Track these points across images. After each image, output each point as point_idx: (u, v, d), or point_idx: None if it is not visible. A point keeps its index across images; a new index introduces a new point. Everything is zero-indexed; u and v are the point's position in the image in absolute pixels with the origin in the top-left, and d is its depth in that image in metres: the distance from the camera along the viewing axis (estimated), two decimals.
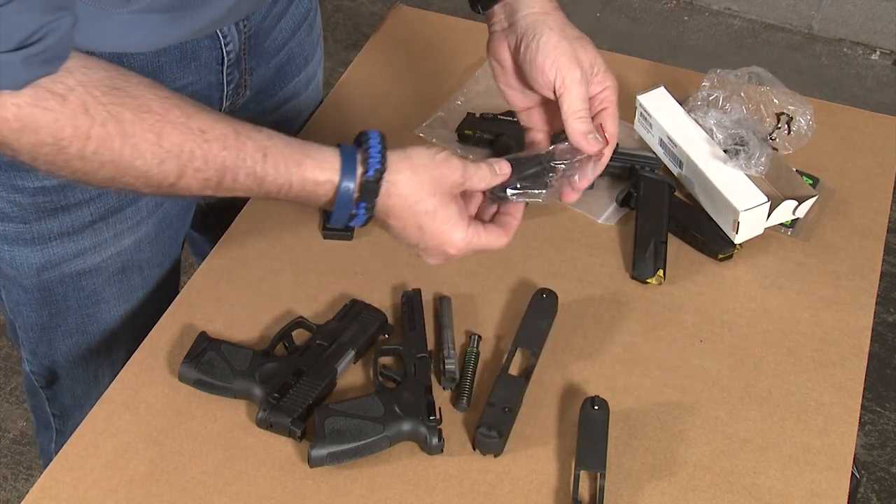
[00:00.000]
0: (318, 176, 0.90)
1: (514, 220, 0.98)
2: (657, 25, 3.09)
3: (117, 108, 0.83)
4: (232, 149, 0.87)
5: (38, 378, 1.34)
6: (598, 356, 1.12)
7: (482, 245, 0.95)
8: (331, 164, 0.90)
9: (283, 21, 1.22)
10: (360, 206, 0.91)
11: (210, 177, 0.88)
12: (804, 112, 1.30)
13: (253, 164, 0.88)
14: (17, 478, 2.04)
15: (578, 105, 0.95)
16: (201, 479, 1.01)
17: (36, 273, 1.16)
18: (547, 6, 0.98)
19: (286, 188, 0.90)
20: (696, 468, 1.02)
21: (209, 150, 0.87)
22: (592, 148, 0.96)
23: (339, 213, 0.92)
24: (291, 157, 0.90)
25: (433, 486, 1.00)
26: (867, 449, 2.08)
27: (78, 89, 0.82)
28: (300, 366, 1.07)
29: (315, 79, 1.36)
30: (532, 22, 0.96)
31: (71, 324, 1.24)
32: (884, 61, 2.97)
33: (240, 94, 1.21)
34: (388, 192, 0.91)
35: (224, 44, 1.12)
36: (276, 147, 0.90)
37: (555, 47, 0.95)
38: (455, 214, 0.93)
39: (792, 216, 1.24)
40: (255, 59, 1.19)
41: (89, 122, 0.82)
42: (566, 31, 0.97)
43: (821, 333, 1.14)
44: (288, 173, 0.89)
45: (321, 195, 0.91)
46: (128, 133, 0.83)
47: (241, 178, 0.89)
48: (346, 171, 0.90)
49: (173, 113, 0.86)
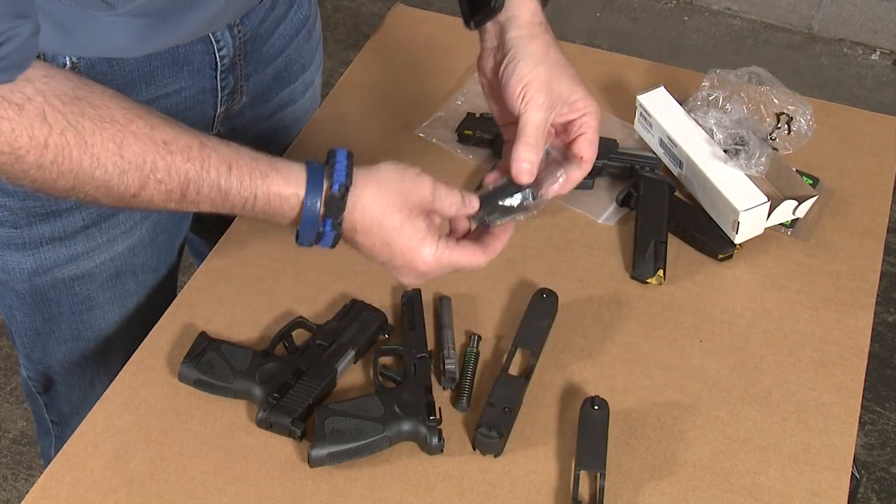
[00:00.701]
0: (283, 189, 0.89)
1: (498, 242, 0.96)
2: (657, 25, 3.09)
3: (77, 117, 0.82)
4: (196, 160, 0.86)
5: (35, 384, 1.34)
6: (598, 356, 1.12)
7: (455, 262, 0.93)
8: (297, 177, 0.89)
9: (282, 27, 1.21)
10: (327, 222, 0.90)
11: (173, 189, 0.87)
12: (804, 112, 1.30)
13: (217, 176, 0.87)
14: (17, 478, 2.04)
15: (530, 130, 0.95)
16: (201, 479, 1.01)
17: (28, 278, 1.16)
18: (535, 30, 0.98)
19: (251, 201, 0.89)
20: (696, 468, 1.02)
21: (172, 162, 0.86)
22: (520, 177, 0.95)
23: (305, 229, 0.90)
24: (257, 170, 0.88)
25: (433, 486, 1.00)
26: (867, 449, 2.08)
27: (37, 98, 0.81)
28: (300, 366, 1.07)
29: (312, 85, 1.36)
30: (517, 44, 0.97)
31: (65, 330, 1.23)
32: (884, 61, 2.97)
33: (235, 100, 1.20)
34: (353, 206, 0.90)
35: (217, 49, 1.11)
36: (243, 160, 0.88)
37: (529, 72, 0.95)
38: (423, 230, 0.91)
39: (792, 216, 1.24)
40: (251, 65, 1.19)
41: (47, 130, 0.81)
42: (548, 56, 0.97)
43: (821, 333, 1.14)
44: (253, 186, 0.88)
45: (287, 211, 0.90)
46: (87, 143, 0.83)
47: (205, 191, 0.87)
48: (311, 185, 0.89)
49: (136, 124, 0.85)
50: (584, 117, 0.98)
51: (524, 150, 0.94)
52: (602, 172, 1.29)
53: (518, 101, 0.95)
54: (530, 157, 0.95)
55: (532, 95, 0.95)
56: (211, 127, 1.21)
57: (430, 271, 0.93)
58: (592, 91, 1.40)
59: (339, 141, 1.36)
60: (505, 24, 0.98)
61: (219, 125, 1.22)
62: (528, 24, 0.98)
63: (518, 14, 0.98)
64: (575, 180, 0.99)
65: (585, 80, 1.42)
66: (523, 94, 0.95)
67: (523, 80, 0.95)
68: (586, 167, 0.98)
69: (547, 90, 0.95)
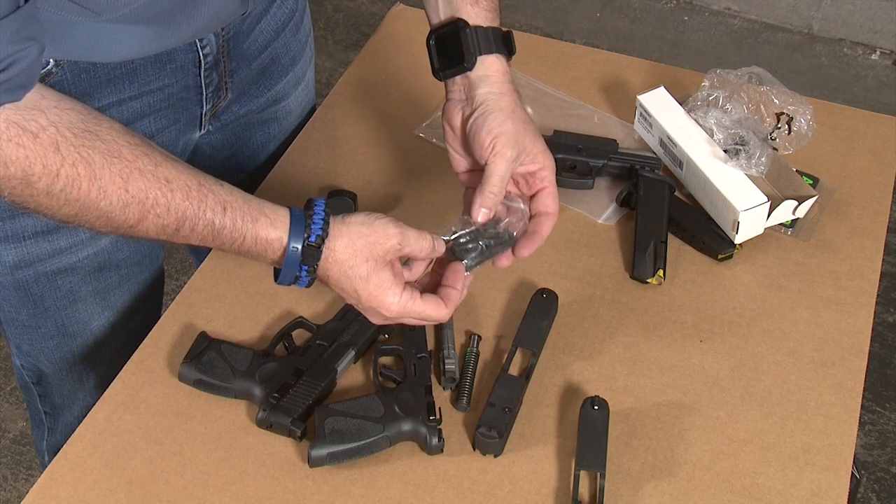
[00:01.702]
0: (269, 234, 0.95)
1: (455, 292, 1.01)
2: (657, 25, 3.09)
3: (88, 150, 0.86)
4: (194, 199, 0.92)
5: (28, 373, 1.34)
6: (598, 356, 1.12)
7: (418, 312, 0.98)
8: (282, 223, 0.96)
9: (264, 22, 1.21)
10: (303, 268, 0.96)
11: (169, 224, 0.91)
12: (804, 112, 1.30)
13: (212, 215, 0.93)
14: (17, 478, 2.04)
15: (495, 180, 1.02)
16: (201, 479, 1.01)
17: (10, 271, 1.16)
18: (504, 88, 1.05)
19: (239, 241, 0.95)
20: (696, 468, 1.02)
21: (172, 199, 0.91)
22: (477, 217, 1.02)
23: (286, 271, 0.96)
24: (248, 213, 0.95)
25: (433, 486, 1.00)
26: (867, 449, 2.08)
27: (50, 129, 0.85)
28: (300, 366, 1.07)
29: (304, 79, 1.36)
30: (486, 100, 1.04)
31: (50, 326, 1.24)
32: (884, 61, 2.97)
33: (220, 97, 1.21)
34: (326, 258, 0.96)
35: (200, 47, 1.12)
36: (236, 202, 0.94)
37: (499, 125, 1.02)
38: (388, 280, 0.97)
39: (792, 216, 1.24)
40: (234, 62, 1.19)
41: (59, 161, 0.85)
42: (516, 113, 1.04)
43: (821, 333, 1.14)
44: (244, 228, 0.94)
45: (269, 253, 0.96)
46: (97, 176, 0.87)
47: (199, 229, 0.93)
48: (293, 233, 0.95)
49: (142, 161, 0.89)
50: (542, 171, 1.05)
51: (486, 198, 1.02)
52: (602, 172, 1.29)
53: (486, 151, 1.02)
54: (489, 204, 1.02)
55: (500, 148, 1.01)
56: (200, 125, 1.21)
57: (395, 317, 0.99)
58: (592, 91, 1.42)
59: (338, 141, 1.37)
60: (475, 80, 1.05)
61: (208, 123, 1.22)
62: (499, 83, 1.05)
63: (489, 73, 1.05)
64: (546, 231, 1.05)
65: (585, 80, 1.43)
66: (492, 145, 1.02)
67: (493, 132, 1.02)
68: (553, 219, 1.06)
69: (514, 144, 1.02)
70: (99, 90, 1.06)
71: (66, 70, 1.02)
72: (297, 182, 1.29)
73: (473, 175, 1.08)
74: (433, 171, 1.31)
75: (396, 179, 1.30)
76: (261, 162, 1.35)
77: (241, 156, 1.34)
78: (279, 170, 1.31)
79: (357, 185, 1.28)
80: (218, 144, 1.29)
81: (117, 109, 1.08)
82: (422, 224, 1.00)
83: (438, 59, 1.08)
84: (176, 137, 1.18)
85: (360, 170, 1.31)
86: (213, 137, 1.27)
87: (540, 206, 1.06)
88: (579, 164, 1.29)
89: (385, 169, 1.32)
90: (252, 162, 1.35)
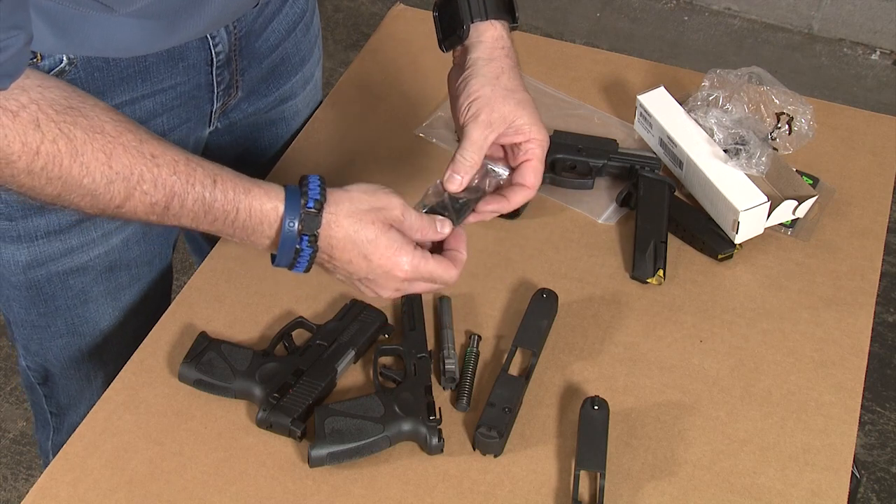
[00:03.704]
0: (264, 203, 0.93)
1: (460, 255, 1.01)
2: (657, 25, 3.09)
3: (69, 126, 0.85)
4: (182, 174, 0.90)
5: (34, 374, 1.34)
6: (598, 356, 1.12)
7: (431, 272, 0.97)
8: (276, 193, 0.94)
9: (276, 21, 1.22)
10: (303, 238, 0.93)
11: (157, 201, 0.90)
12: (804, 112, 1.30)
13: (202, 189, 0.91)
14: (17, 478, 2.04)
15: (466, 144, 1.01)
16: (201, 479, 1.01)
17: (23, 271, 1.16)
18: (494, 53, 1.04)
19: (233, 215, 0.92)
20: (696, 468, 1.02)
21: (159, 174, 0.89)
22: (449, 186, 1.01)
23: (283, 248, 0.94)
24: (240, 185, 0.92)
25: (433, 486, 1.00)
26: (867, 449, 2.08)
27: (31, 107, 0.84)
28: (300, 366, 1.07)
29: (313, 79, 1.36)
30: (474, 64, 1.04)
31: (60, 325, 1.24)
32: (884, 61, 2.97)
33: (231, 95, 1.21)
34: (328, 223, 0.94)
35: (213, 45, 1.12)
36: (226, 175, 0.93)
37: (477, 90, 1.02)
38: (398, 239, 0.96)
39: (792, 216, 1.24)
40: (246, 60, 1.19)
41: (39, 137, 0.84)
42: (500, 80, 1.02)
43: (821, 333, 1.14)
44: (236, 199, 0.92)
45: (265, 227, 0.94)
46: (78, 151, 0.85)
47: (189, 204, 0.91)
48: (289, 202, 0.93)
49: (126, 136, 0.88)
50: (528, 143, 1.03)
51: (456, 163, 1.01)
52: (602, 172, 1.29)
53: (463, 116, 1.02)
54: (459, 169, 1.01)
55: (474, 112, 1.01)
56: (209, 122, 1.21)
57: (408, 279, 0.97)
58: (592, 91, 1.42)
59: (338, 141, 1.37)
60: (469, 46, 1.06)
61: (217, 121, 1.23)
62: (489, 49, 1.05)
63: (482, 39, 1.05)
64: (515, 202, 1.04)
65: (585, 80, 1.43)
66: (467, 108, 1.02)
67: (470, 97, 1.02)
68: (529, 193, 1.05)
69: (488, 110, 1.01)
70: (112, 88, 1.06)
71: (79, 68, 1.02)
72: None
73: None
74: (433, 171, 1.31)
75: (396, 179, 1.30)
76: (270, 162, 1.35)
77: (250, 156, 1.34)
78: (279, 170, 1.31)
79: None
80: (227, 145, 1.29)
81: (130, 108, 1.08)
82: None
83: (440, 30, 1.09)
84: (187, 135, 1.18)
85: (360, 170, 1.31)
86: (222, 138, 1.28)
87: (518, 177, 1.05)
88: (579, 164, 1.29)
89: (385, 169, 1.32)
90: (261, 162, 1.35)
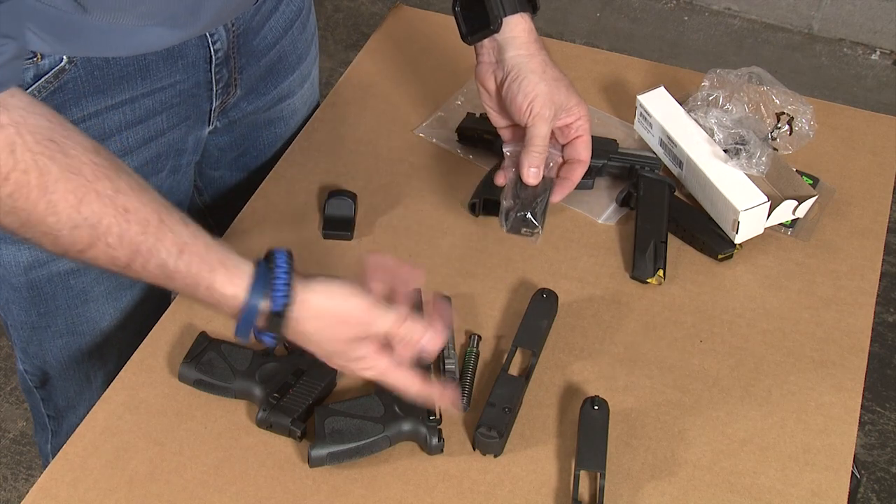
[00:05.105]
0: (226, 288, 0.88)
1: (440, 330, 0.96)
2: (657, 25, 3.09)
3: (45, 159, 0.81)
4: (150, 235, 0.86)
5: (31, 377, 1.34)
6: (598, 356, 1.12)
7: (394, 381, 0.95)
8: (240, 281, 0.89)
9: (273, 20, 1.22)
10: (267, 335, 0.91)
11: (119, 256, 0.86)
12: (804, 112, 1.30)
13: (167, 256, 0.87)
14: (17, 478, 2.04)
15: (537, 141, 1.08)
16: (201, 479, 1.01)
17: (24, 272, 1.16)
18: (532, 48, 1.09)
19: (192, 288, 0.89)
20: (696, 468, 1.02)
21: (127, 230, 0.85)
22: (528, 179, 1.09)
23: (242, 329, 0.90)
24: (206, 261, 0.88)
25: (433, 486, 1.00)
26: (867, 449, 2.08)
27: (9, 129, 0.80)
28: (300, 366, 1.07)
29: (310, 78, 1.36)
30: (517, 63, 1.08)
31: (60, 324, 1.24)
32: (884, 61, 2.97)
33: (230, 93, 1.21)
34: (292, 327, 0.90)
35: (212, 42, 1.12)
36: (196, 247, 0.88)
37: (533, 89, 1.07)
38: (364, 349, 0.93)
39: (792, 216, 1.24)
40: (244, 58, 1.19)
41: (12, 164, 0.80)
42: (547, 72, 1.08)
43: (821, 333, 1.14)
44: (199, 276, 0.88)
45: (226, 309, 0.90)
46: (48, 189, 0.81)
47: (151, 267, 0.87)
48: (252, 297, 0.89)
49: (102, 183, 0.84)
50: (578, 121, 1.11)
51: (532, 158, 1.08)
52: (602, 172, 1.29)
53: (525, 115, 1.08)
54: (536, 163, 1.09)
55: (539, 110, 1.07)
56: (208, 120, 1.21)
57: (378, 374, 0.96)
58: (592, 91, 1.42)
59: (338, 141, 1.37)
60: (503, 43, 1.09)
61: (216, 119, 1.23)
62: (526, 44, 1.09)
63: (516, 34, 1.09)
64: (577, 178, 1.13)
65: (585, 80, 1.43)
66: (530, 109, 1.07)
67: (529, 96, 1.07)
68: (585, 166, 1.13)
69: (550, 104, 1.07)
70: (112, 87, 1.05)
71: (79, 67, 1.02)
72: (298, 182, 1.29)
73: (515, 130, 1.14)
74: (433, 171, 1.31)
75: (396, 179, 1.30)
76: (269, 162, 1.35)
77: (248, 156, 1.34)
78: (279, 170, 1.31)
79: (357, 185, 1.28)
80: (226, 146, 1.29)
81: (130, 107, 1.08)
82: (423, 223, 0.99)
83: (465, 24, 1.11)
84: (186, 134, 1.18)
85: (360, 170, 1.31)
86: (222, 138, 1.28)
87: (573, 153, 1.12)
88: None
89: (385, 169, 1.32)
90: (260, 162, 1.35)
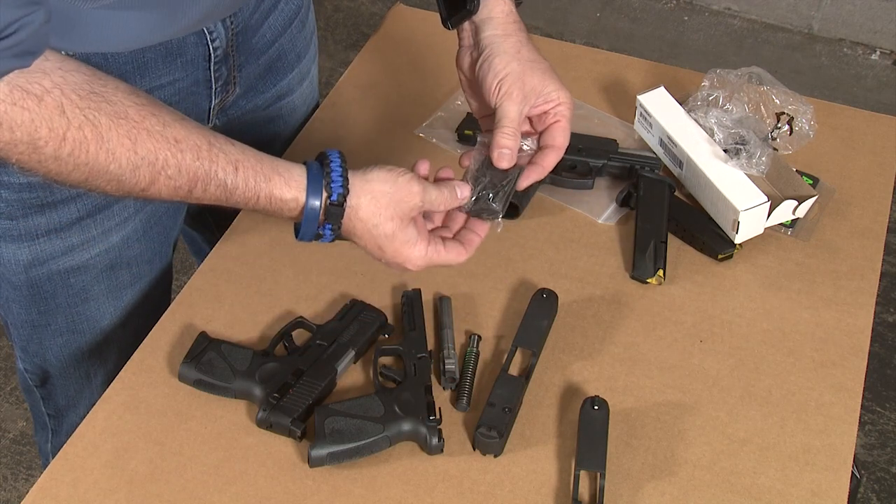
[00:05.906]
0: (284, 194, 0.94)
1: (476, 237, 1.03)
2: (657, 25, 3.09)
3: (94, 112, 0.85)
4: (205, 160, 0.91)
5: (31, 376, 1.34)
6: (598, 356, 1.12)
7: (441, 261, 1.00)
8: (297, 182, 0.95)
9: (272, 18, 1.22)
10: (326, 227, 0.96)
11: (181, 185, 0.91)
12: (804, 112, 1.30)
13: (224, 176, 0.92)
14: (17, 478, 2.04)
15: (505, 122, 1.02)
16: (201, 479, 1.01)
17: (24, 270, 1.16)
18: (509, 28, 1.05)
19: (253, 201, 0.94)
20: (696, 468, 1.02)
21: (182, 160, 0.90)
22: (500, 162, 1.03)
23: (305, 231, 0.96)
24: (261, 172, 0.94)
25: (433, 486, 1.00)
26: (867, 449, 2.08)
27: (55, 91, 0.83)
28: (300, 366, 1.07)
29: (309, 76, 1.36)
30: (491, 43, 1.04)
31: (60, 322, 1.24)
32: (884, 61, 2.97)
33: (229, 91, 1.21)
34: (349, 217, 0.96)
35: (210, 40, 1.12)
36: (248, 161, 0.94)
37: (503, 68, 1.03)
38: (413, 236, 0.98)
39: (792, 216, 1.24)
40: (243, 56, 1.19)
41: (66, 124, 0.84)
42: (521, 53, 1.04)
43: (821, 333, 1.14)
44: (257, 188, 0.94)
45: (286, 213, 0.95)
46: (104, 138, 0.86)
47: (212, 189, 0.92)
48: (311, 192, 0.94)
49: (150, 121, 0.88)
50: (557, 107, 1.05)
51: (502, 138, 1.02)
52: (602, 172, 1.29)
53: (494, 95, 1.03)
54: (508, 144, 1.02)
55: (507, 89, 1.02)
56: (207, 119, 1.21)
57: (417, 268, 1.00)
58: (592, 91, 1.42)
59: (338, 141, 1.37)
60: (480, 24, 1.06)
61: (215, 117, 1.23)
62: (503, 24, 1.05)
63: (493, 15, 1.05)
64: (550, 165, 1.06)
65: (585, 80, 1.43)
66: (499, 88, 1.02)
67: (498, 75, 1.03)
68: (559, 153, 1.06)
69: (520, 84, 1.02)
70: None
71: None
72: None
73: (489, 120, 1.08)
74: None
75: None
76: None
77: None
78: None
79: None
80: None
81: None
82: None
83: (445, 7, 1.09)
84: None
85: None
86: None
87: (547, 139, 1.06)
88: (579, 164, 1.29)
89: None
90: None
